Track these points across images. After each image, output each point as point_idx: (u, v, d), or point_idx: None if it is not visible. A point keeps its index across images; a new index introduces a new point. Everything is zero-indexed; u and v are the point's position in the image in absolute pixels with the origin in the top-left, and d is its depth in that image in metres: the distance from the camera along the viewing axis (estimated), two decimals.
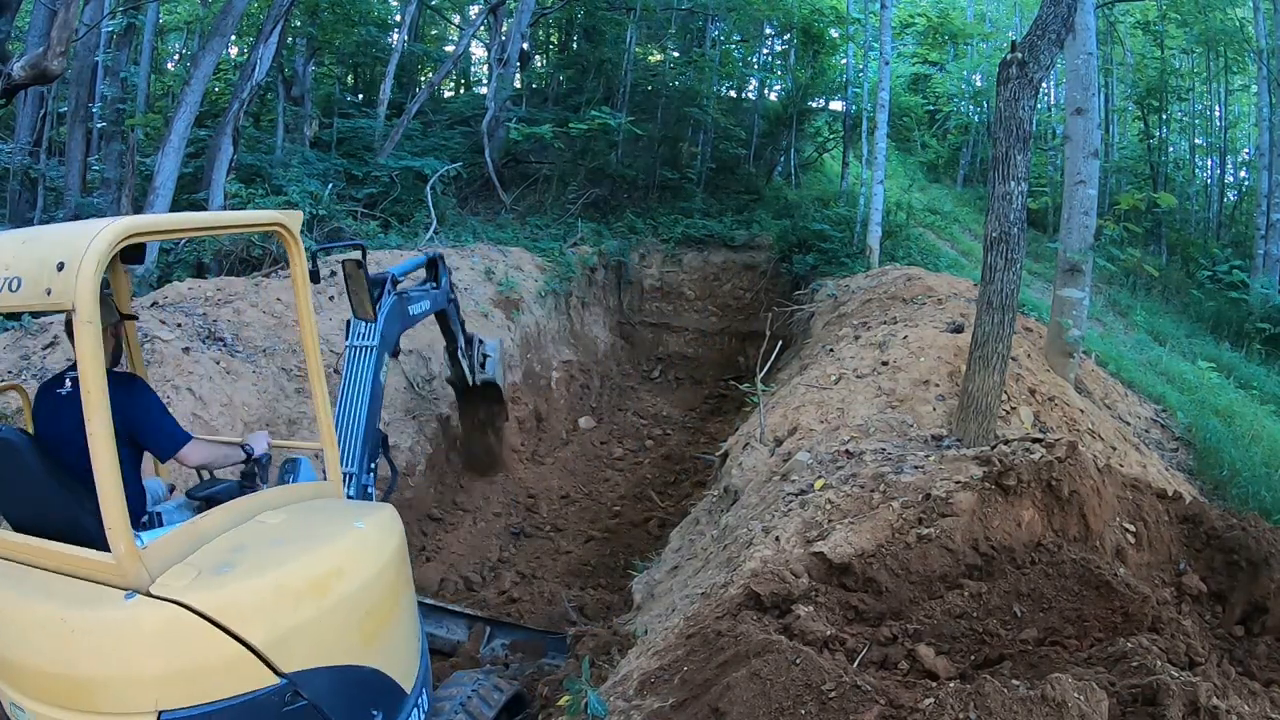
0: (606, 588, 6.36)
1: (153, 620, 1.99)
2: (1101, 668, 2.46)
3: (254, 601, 2.14)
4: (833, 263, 11.76)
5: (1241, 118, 18.55)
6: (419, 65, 18.30)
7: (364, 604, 2.47)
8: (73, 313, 1.89)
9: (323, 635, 2.30)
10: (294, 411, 6.22)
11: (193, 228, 3.16)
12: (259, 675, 2.10)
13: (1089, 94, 7.03)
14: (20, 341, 5.59)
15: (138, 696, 1.98)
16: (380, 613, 2.56)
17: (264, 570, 2.21)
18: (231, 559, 2.20)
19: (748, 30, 17.24)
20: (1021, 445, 3.88)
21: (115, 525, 1.96)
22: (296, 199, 10.07)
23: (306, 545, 2.40)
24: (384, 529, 2.77)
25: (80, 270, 1.88)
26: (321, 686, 2.26)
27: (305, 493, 2.84)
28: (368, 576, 2.51)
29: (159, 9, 13.08)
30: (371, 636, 2.50)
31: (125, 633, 1.99)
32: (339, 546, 2.49)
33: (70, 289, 1.88)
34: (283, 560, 2.28)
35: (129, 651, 1.99)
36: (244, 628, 2.08)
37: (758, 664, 2.40)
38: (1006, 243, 4.73)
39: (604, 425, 10.64)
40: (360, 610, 2.45)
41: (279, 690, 2.14)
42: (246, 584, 2.15)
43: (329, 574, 2.35)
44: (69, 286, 1.88)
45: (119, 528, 1.97)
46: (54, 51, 5.86)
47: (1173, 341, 11.48)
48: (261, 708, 2.11)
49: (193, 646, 2.03)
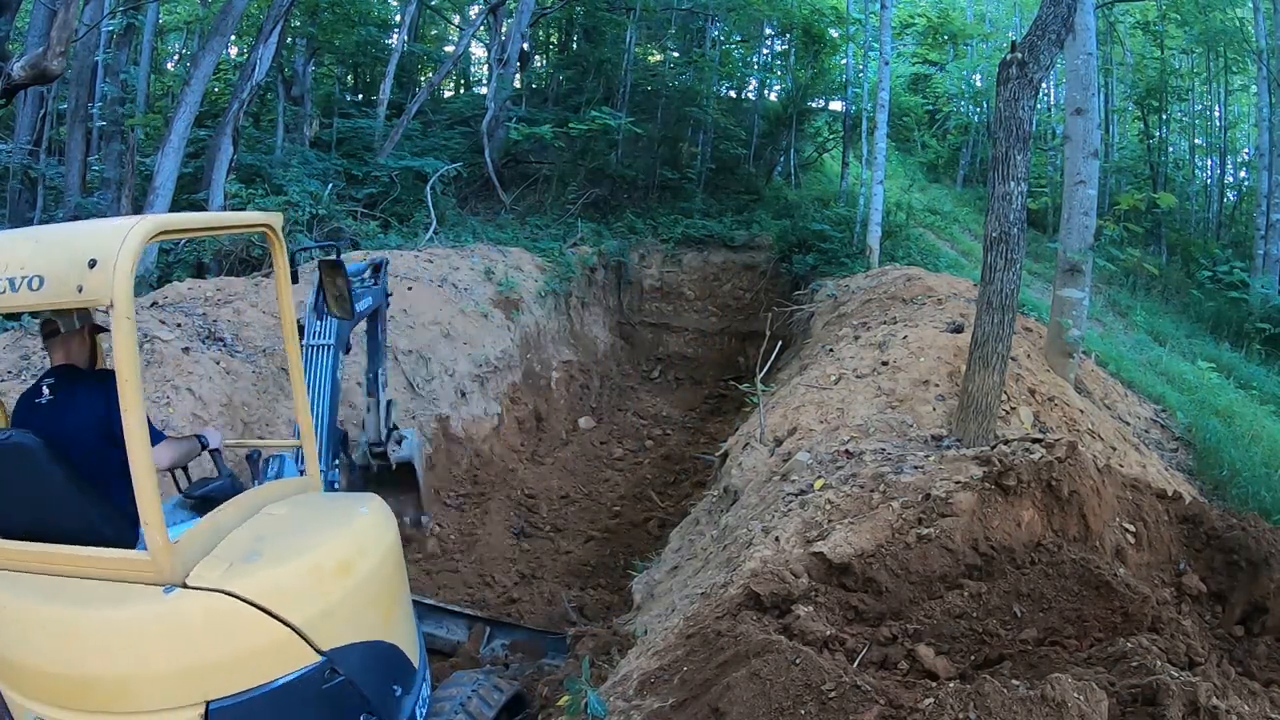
0: (606, 588, 6.36)
1: (199, 610, 2.05)
2: (1101, 668, 2.45)
3: (290, 584, 2.25)
4: (832, 263, 11.76)
5: (1241, 118, 18.56)
6: (419, 65, 18.31)
7: (381, 581, 2.62)
8: (110, 309, 1.94)
9: (353, 612, 2.43)
10: (293, 412, 6.21)
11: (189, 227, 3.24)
12: (302, 655, 2.22)
13: (1089, 94, 7.03)
14: (20, 341, 5.59)
15: (186, 689, 2.03)
16: (392, 590, 2.72)
17: (293, 556, 2.32)
18: (258, 548, 2.29)
19: (748, 30, 17.26)
20: (1021, 445, 3.88)
21: (152, 521, 2.00)
22: (296, 199, 10.08)
23: (325, 531, 2.54)
24: (382, 514, 2.90)
25: (117, 267, 1.93)
26: (355, 662, 2.39)
27: (293, 487, 2.94)
28: (382, 556, 2.66)
29: (159, 9, 13.08)
30: (389, 613, 2.65)
31: (172, 625, 2.03)
32: (355, 529, 2.63)
33: (106, 286, 1.92)
34: (308, 546, 2.40)
35: (176, 644, 2.04)
36: (286, 609, 2.18)
37: (758, 664, 2.40)
38: (1006, 243, 4.73)
39: (604, 425, 10.64)
40: (379, 587, 2.60)
41: (319, 668, 2.25)
42: (280, 569, 2.25)
43: (353, 554, 2.50)
44: (104, 283, 1.92)
45: (155, 523, 2.01)
46: (54, 51, 5.86)
47: (1173, 341, 11.48)
48: (304, 687, 2.21)
49: (239, 633, 2.12)
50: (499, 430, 8.69)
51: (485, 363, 8.79)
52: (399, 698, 2.68)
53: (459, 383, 8.31)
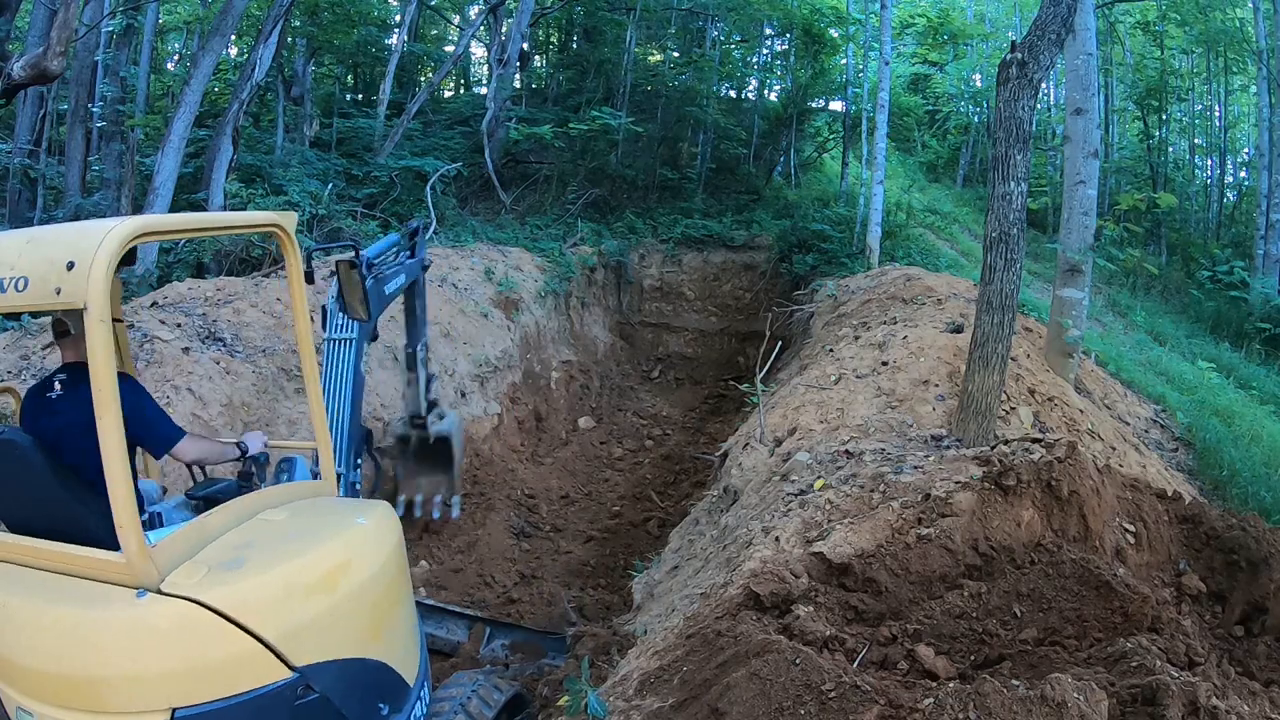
0: (606, 588, 6.35)
1: (166, 617, 2.01)
2: (1101, 668, 2.45)
3: (266, 596, 2.17)
4: (832, 263, 11.76)
5: (1241, 118, 18.56)
6: (419, 65, 18.31)
7: (369, 597, 2.51)
8: (84, 311, 1.90)
9: (332, 629, 2.34)
10: (294, 412, 6.21)
11: (195, 228, 3.18)
12: (272, 669, 2.13)
13: (1089, 94, 7.04)
14: (20, 341, 5.59)
15: (151, 695, 2.00)
16: (384, 606, 2.61)
17: (274, 566, 2.24)
18: (241, 555, 2.23)
19: (748, 30, 17.25)
20: (1021, 445, 3.89)
21: (126, 524, 1.97)
22: (296, 199, 10.07)
23: (313, 541, 2.44)
24: (384, 524, 2.81)
25: (92, 269, 1.90)
26: (332, 679, 2.30)
27: (302, 491, 2.88)
28: (372, 570, 2.55)
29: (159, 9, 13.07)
30: (377, 630, 2.54)
31: (139, 631, 2.00)
32: (344, 541, 2.53)
33: (82, 288, 1.90)
34: (291, 556, 2.31)
35: (143, 649, 2.00)
36: (257, 622, 2.11)
37: (757, 664, 2.40)
38: (1006, 243, 4.73)
39: (604, 425, 10.64)
40: (366, 603, 2.49)
41: (291, 684, 2.17)
42: (257, 579, 2.17)
43: (337, 568, 2.39)
44: (80, 286, 1.90)
45: (130, 526, 1.98)
46: (54, 51, 5.87)
47: (1172, 341, 11.48)
48: (274, 702, 2.13)
49: (207, 643, 2.05)
50: (499, 430, 8.68)
51: (485, 363, 8.79)
52: (385, 716, 2.59)
53: (459, 383, 8.30)
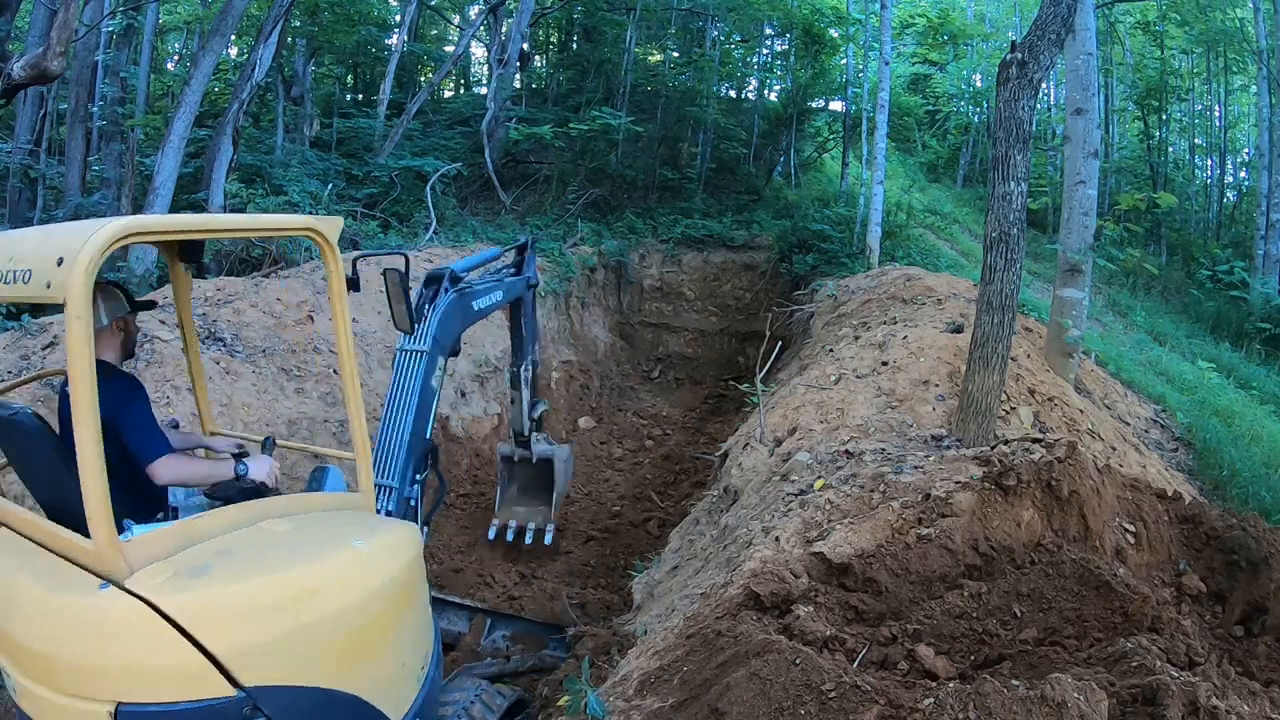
0: (606, 588, 6.35)
1: (117, 614, 2.00)
2: (1101, 668, 2.45)
3: (221, 609, 2.09)
4: (832, 263, 11.77)
5: (1241, 118, 18.56)
6: (419, 65, 18.32)
7: (346, 626, 2.35)
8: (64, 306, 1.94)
9: (292, 653, 2.21)
10: (293, 412, 6.21)
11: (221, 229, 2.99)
12: (215, 684, 2.05)
13: (1089, 94, 7.04)
14: (20, 341, 5.59)
15: (99, 685, 2.00)
16: (367, 637, 2.44)
17: (240, 579, 2.15)
18: (213, 562, 2.16)
19: (748, 30, 17.26)
20: (1021, 445, 3.89)
21: (96, 513, 1.98)
22: (296, 199, 10.08)
23: (293, 559, 2.32)
24: (390, 549, 2.62)
25: (74, 266, 1.92)
26: (285, 705, 2.18)
27: (328, 502, 2.75)
28: (356, 598, 2.39)
29: (159, 9, 13.08)
30: (352, 661, 2.38)
31: (90, 622, 2.00)
32: (327, 564, 2.39)
33: (64, 284, 1.93)
34: (263, 571, 2.21)
35: (90, 640, 2.01)
36: (206, 635, 2.04)
37: (757, 664, 2.40)
38: (1006, 243, 4.73)
39: (604, 425, 10.63)
40: (340, 632, 2.34)
41: (234, 703, 2.08)
42: (218, 590, 2.10)
43: (305, 592, 2.26)
44: (64, 282, 1.93)
45: (100, 516, 1.98)
46: (54, 51, 5.87)
47: (1172, 341, 11.48)
48: (216, 716, 2.06)
49: (150, 646, 2.01)
50: (499, 430, 8.68)
51: (485, 363, 8.78)
52: None
53: (459, 383, 8.30)
